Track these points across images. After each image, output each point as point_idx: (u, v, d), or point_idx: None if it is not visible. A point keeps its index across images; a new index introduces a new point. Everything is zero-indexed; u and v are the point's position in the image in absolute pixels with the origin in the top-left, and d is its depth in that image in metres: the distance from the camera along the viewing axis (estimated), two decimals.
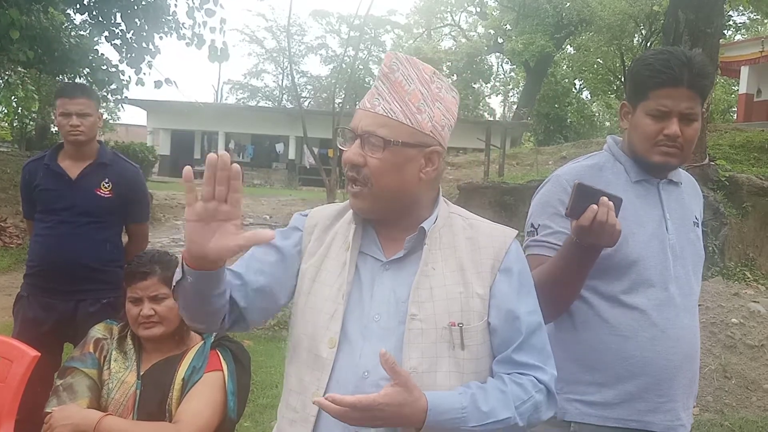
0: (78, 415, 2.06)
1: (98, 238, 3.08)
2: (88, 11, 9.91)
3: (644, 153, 1.79)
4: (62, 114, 3.02)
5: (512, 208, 10.25)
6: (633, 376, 1.74)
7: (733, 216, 7.71)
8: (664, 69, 1.72)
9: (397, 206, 1.43)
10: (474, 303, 1.40)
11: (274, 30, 40.12)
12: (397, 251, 1.44)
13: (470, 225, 1.49)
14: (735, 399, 4.50)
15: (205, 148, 32.48)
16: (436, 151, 1.41)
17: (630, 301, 1.75)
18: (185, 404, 2.09)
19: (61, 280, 3.03)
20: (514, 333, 1.41)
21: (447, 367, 1.37)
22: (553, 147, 20.33)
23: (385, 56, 1.43)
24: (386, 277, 1.43)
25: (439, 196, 1.49)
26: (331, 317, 1.41)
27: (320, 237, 1.51)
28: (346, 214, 1.52)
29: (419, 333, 1.36)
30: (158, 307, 2.18)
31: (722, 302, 5.41)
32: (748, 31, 27.88)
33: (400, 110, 1.37)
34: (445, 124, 1.43)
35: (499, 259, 1.44)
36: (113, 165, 3.14)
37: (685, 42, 7.26)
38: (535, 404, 1.38)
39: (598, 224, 1.54)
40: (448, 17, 36.88)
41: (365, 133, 1.38)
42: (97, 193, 3.06)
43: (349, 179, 1.41)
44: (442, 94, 1.42)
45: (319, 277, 1.46)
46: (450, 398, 1.32)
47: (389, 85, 1.39)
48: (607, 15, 25.71)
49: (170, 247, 10.85)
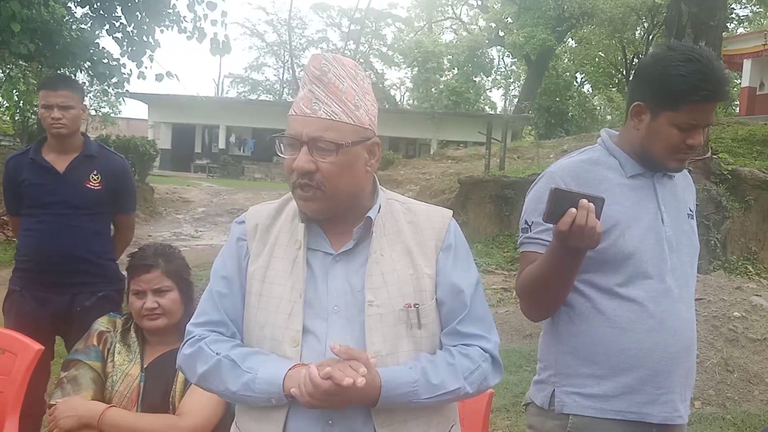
0: (82, 407, 2.07)
1: (91, 230, 3.07)
2: (89, 4, 9.89)
3: (662, 159, 1.78)
4: (44, 106, 3.00)
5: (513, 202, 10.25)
6: (631, 368, 1.74)
7: (735, 209, 7.71)
8: (703, 85, 1.68)
9: (348, 203, 1.46)
10: (425, 283, 1.46)
11: (275, 23, 40.09)
12: (344, 243, 1.47)
13: (408, 209, 1.54)
14: (737, 393, 4.50)
15: (206, 142, 32.51)
16: (376, 143, 1.46)
17: (627, 293, 1.75)
18: (188, 397, 2.10)
19: (57, 273, 3.02)
20: (460, 305, 1.48)
21: (407, 347, 1.43)
22: (554, 141, 20.30)
23: (312, 59, 1.43)
24: (338, 269, 1.46)
25: (377, 185, 1.53)
26: (289, 316, 1.42)
27: (263, 237, 1.51)
28: (284, 211, 1.53)
29: (378, 318, 1.41)
30: (161, 300, 2.19)
31: (724, 296, 5.40)
32: (751, 24, 27.81)
33: (341, 111, 1.39)
34: (375, 113, 1.47)
35: (440, 239, 1.50)
36: (100, 157, 3.12)
37: (687, 35, 7.23)
38: (482, 373, 1.47)
39: (577, 228, 1.54)
40: (449, 10, 36.85)
41: (312, 139, 1.38)
42: (87, 186, 3.05)
43: (299, 186, 1.41)
44: (366, 85, 1.45)
45: (268, 277, 1.47)
46: (402, 373, 1.39)
47: (324, 88, 1.39)
48: (608, 8, 25.64)
49: (172, 241, 10.87)
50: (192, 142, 31.92)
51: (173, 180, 21.03)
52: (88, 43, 10.05)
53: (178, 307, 2.21)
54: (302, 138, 1.38)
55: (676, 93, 1.70)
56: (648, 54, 1.94)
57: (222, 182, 23.13)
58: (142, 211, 14.38)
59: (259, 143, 31.76)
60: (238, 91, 42.24)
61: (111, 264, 3.20)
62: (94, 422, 2.03)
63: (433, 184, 14.36)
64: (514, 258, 7.29)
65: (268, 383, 1.37)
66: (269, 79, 43.19)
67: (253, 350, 1.46)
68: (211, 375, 1.44)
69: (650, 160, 1.81)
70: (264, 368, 1.39)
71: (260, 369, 1.39)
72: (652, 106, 1.76)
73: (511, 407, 4.29)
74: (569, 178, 1.78)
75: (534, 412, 1.87)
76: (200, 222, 14.58)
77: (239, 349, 1.46)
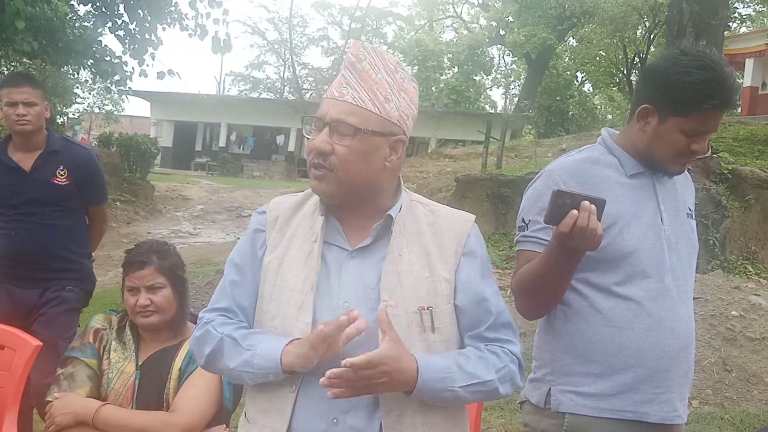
0: (77, 404, 2.08)
1: (63, 226, 3.08)
2: (91, 2, 9.89)
3: (666, 162, 1.79)
4: (8, 104, 2.99)
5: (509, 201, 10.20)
6: (628, 367, 1.74)
7: (735, 209, 7.69)
8: (715, 94, 1.68)
9: (360, 194, 1.46)
10: (441, 287, 1.45)
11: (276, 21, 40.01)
12: (361, 239, 1.46)
13: (431, 211, 1.53)
14: (735, 392, 4.50)
15: (207, 140, 32.51)
16: (400, 140, 1.45)
17: (624, 292, 1.74)
18: (182, 393, 2.11)
19: (29, 269, 3.04)
20: (484, 314, 1.47)
21: (419, 350, 1.40)
22: (553, 139, 20.23)
23: (351, 45, 1.45)
24: (353, 265, 1.45)
25: (401, 185, 1.52)
26: (299, 308, 1.43)
27: (282, 229, 1.52)
28: (306, 204, 1.53)
29: (391, 318, 1.38)
30: (155, 297, 2.19)
31: (722, 295, 5.40)
32: (753, 23, 27.74)
33: (368, 99, 1.39)
34: (410, 114, 1.46)
35: (461, 243, 1.49)
36: (65, 151, 3.11)
37: (689, 34, 7.21)
38: (510, 372, 1.46)
39: (578, 230, 1.54)
40: (450, 9, 36.77)
41: (334, 122, 1.40)
42: (53, 182, 3.04)
43: (313, 165, 1.43)
44: (406, 85, 1.45)
45: (283, 268, 1.47)
46: (435, 360, 1.39)
47: (357, 74, 1.41)
48: (610, 7, 25.57)
49: (170, 238, 10.89)
50: (193, 140, 31.92)
51: (174, 178, 21.02)
52: (91, 40, 10.04)
53: (171, 304, 2.21)
54: (326, 119, 1.40)
55: (688, 100, 1.69)
56: (659, 56, 1.92)
57: (221, 180, 23.13)
58: (142, 209, 14.40)
59: (259, 141, 31.77)
60: (240, 89, 42.22)
61: (85, 262, 3.22)
62: (90, 419, 2.04)
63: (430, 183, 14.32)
64: (510, 256, 7.28)
65: (266, 359, 1.38)
66: (270, 77, 43.15)
67: (256, 330, 1.47)
68: (214, 355, 1.46)
69: (652, 161, 1.80)
70: (263, 345, 1.41)
71: (259, 346, 1.40)
72: (660, 111, 1.75)
73: (505, 405, 4.27)
74: (568, 177, 1.78)
75: (529, 411, 1.86)
76: (198, 219, 14.58)
77: (243, 330, 1.47)
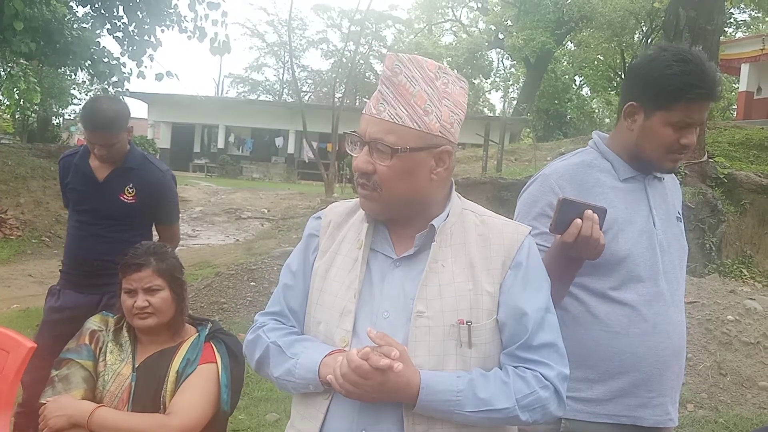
0: (71, 406, 2.07)
1: (122, 239, 3.02)
2: (90, 3, 9.92)
3: (656, 160, 1.79)
4: (89, 143, 3.00)
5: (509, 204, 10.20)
6: (624, 372, 1.75)
7: (731, 213, 7.71)
8: (697, 83, 1.69)
9: (409, 208, 1.43)
10: (483, 301, 1.38)
11: (276, 24, 40.09)
12: (408, 249, 1.43)
13: (482, 221, 1.47)
14: (730, 396, 4.51)
15: (205, 142, 32.49)
16: (446, 151, 1.40)
17: (620, 296, 1.75)
18: (179, 396, 2.10)
19: (84, 275, 3.07)
20: (521, 330, 1.39)
21: (454, 366, 1.35)
22: (552, 143, 20.29)
23: (387, 58, 1.40)
24: (396, 274, 1.42)
25: (452, 192, 1.48)
26: (341, 314, 1.41)
27: (333, 234, 1.51)
28: (359, 211, 1.51)
29: (426, 330, 1.35)
30: (152, 299, 2.19)
31: (718, 299, 5.41)
32: (748, 28, 27.81)
33: (406, 114, 1.35)
34: (455, 120, 1.40)
35: (510, 256, 1.42)
36: (139, 169, 3.11)
37: (685, 39, 7.24)
38: (539, 399, 1.35)
39: (582, 239, 1.55)
40: (449, 12, 36.84)
41: (373, 141, 1.36)
42: (120, 198, 3.05)
43: (359, 184, 1.41)
44: (449, 89, 1.39)
45: (329, 273, 1.46)
46: (446, 379, 1.32)
47: (393, 89, 1.36)
48: (608, 11, 25.67)
49: None
50: (191, 142, 31.88)
51: None
52: (89, 42, 10.07)
53: (168, 306, 2.21)
54: (365, 137, 1.38)
55: (670, 92, 1.71)
56: (640, 55, 1.94)
57: (220, 182, 23.09)
58: None
59: (258, 143, 31.73)
60: (238, 91, 42.27)
61: None
62: (84, 422, 2.03)
63: None
64: None
65: (306, 369, 1.37)
66: (269, 80, 43.22)
67: (302, 337, 1.46)
68: (263, 361, 1.46)
69: (643, 160, 1.81)
70: (305, 354, 1.39)
71: (302, 355, 1.39)
72: (645, 106, 1.77)
73: None
74: (564, 182, 1.79)
75: None
76: (197, 221, 14.56)
77: (290, 336, 1.46)
